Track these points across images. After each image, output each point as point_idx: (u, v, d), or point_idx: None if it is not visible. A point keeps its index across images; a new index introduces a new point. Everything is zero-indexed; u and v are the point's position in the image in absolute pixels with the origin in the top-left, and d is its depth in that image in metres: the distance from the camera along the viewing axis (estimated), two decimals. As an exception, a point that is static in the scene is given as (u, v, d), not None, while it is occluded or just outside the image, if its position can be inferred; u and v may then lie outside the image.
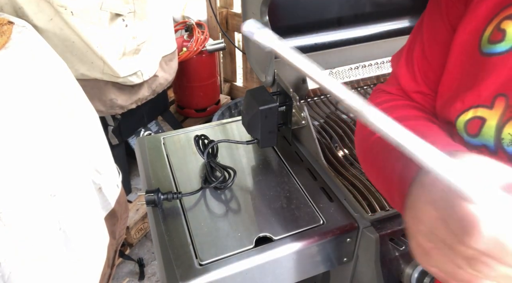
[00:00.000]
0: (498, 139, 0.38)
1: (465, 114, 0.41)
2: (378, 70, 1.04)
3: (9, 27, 0.83)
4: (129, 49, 1.42)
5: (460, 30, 0.44)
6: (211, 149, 0.79)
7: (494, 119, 0.38)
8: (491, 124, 0.38)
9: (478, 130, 0.39)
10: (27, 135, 0.85)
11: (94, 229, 1.11)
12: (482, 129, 0.39)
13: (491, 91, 0.38)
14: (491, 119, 0.38)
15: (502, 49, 0.38)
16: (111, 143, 1.67)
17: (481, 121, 0.39)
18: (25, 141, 0.83)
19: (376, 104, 0.51)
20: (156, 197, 0.69)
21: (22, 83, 0.82)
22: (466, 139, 0.41)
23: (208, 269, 0.60)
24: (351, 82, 1.03)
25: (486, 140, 0.39)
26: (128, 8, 1.35)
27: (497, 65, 0.38)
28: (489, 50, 0.39)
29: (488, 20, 0.40)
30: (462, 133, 0.41)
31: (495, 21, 0.39)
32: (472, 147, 0.41)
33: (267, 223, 0.68)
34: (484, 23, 0.41)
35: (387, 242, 0.66)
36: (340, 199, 0.73)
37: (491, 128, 0.38)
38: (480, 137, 0.39)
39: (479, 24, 0.41)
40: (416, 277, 0.65)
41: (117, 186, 1.24)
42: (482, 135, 0.39)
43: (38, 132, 0.89)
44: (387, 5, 1.11)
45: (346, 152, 0.85)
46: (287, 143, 0.89)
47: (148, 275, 1.69)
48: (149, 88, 1.63)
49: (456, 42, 0.44)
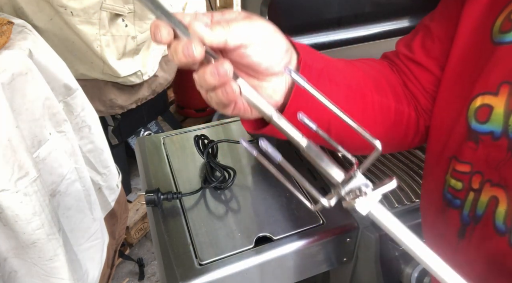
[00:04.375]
0: (505, 125, 0.39)
1: (474, 101, 0.42)
2: (378, 70, 1.04)
3: (9, 27, 0.83)
4: (129, 49, 1.42)
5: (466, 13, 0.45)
6: (211, 149, 0.79)
7: (501, 106, 0.39)
8: (498, 111, 0.39)
9: (487, 117, 0.40)
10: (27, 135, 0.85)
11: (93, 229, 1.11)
12: (491, 116, 0.40)
13: (497, 78, 0.40)
14: (498, 106, 0.39)
15: (511, 39, 0.40)
16: (111, 143, 1.67)
17: (489, 108, 0.40)
18: (25, 141, 0.83)
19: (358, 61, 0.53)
20: (156, 197, 0.69)
21: (22, 83, 0.82)
22: (473, 126, 0.42)
23: (208, 269, 0.60)
24: (351, 82, 1.03)
25: (494, 127, 0.40)
26: (128, 8, 1.35)
27: (505, 53, 0.40)
28: (500, 39, 0.41)
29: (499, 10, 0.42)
30: (471, 119, 0.42)
31: (506, 10, 0.41)
32: (476, 134, 0.42)
33: (267, 223, 0.68)
34: (494, 12, 0.42)
35: (387, 242, 0.66)
36: (340, 199, 0.73)
37: (499, 115, 0.39)
38: (489, 123, 0.40)
39: (488, 11, 0.43)
40: (416, 277, 0.65)
41: (117, 186, 1.25)
42: (491, 122, 0.40)
43: (38, 132, 0.88)
44: (387, 5, 1.11)
45: (346, 152, 0.85)
46: (287, 143, 0.89)
47: (148, 275, 1.69)
48: (149, 88, 1.63)
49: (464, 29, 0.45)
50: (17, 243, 0.86)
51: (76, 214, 1.03)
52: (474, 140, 0.42)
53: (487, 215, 0.41)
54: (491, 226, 0.41)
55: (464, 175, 0.44)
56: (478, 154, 0.42)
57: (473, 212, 0.43)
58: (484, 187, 0.42)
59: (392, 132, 0.53)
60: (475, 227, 0.43)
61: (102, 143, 1.13)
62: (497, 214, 0.40)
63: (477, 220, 0.43)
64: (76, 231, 1.04)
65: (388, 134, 0.53)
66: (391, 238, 0.32)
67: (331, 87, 0.45)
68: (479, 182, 0.42)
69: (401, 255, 0.67)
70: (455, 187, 0.45)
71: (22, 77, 0.82)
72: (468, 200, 0.44)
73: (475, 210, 0.43)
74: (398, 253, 0.67)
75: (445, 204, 0.47)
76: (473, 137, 0.42)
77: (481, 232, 0.43)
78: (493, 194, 0.41)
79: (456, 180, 0.45)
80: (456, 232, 0.46)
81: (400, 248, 0.66)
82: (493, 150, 0.40)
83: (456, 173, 0.45)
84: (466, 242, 0.45)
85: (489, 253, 0.42)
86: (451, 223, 0.46)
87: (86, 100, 1.07)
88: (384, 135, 0.52)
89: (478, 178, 0.42)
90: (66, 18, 1.22)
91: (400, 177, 0.77)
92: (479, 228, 0.43)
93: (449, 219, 0.47)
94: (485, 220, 0.42)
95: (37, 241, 0.86)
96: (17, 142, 0.80)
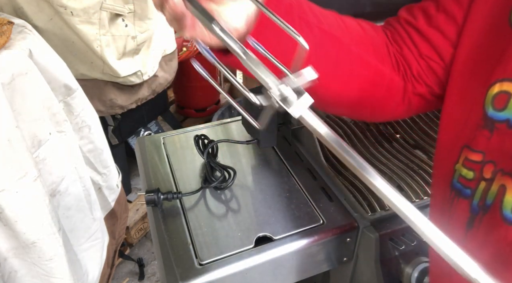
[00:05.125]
0: None
1: (492, 88, 0.41)
2: (378, 70, 1.04)
3: (9, 27, 0.83)
4: (129, 49, 1.42)
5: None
6: (211, 149, 0.79)
7: None
8: None
9: (504, 105, 0.39)
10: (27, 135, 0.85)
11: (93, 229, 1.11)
12: (509, 104, 0.39)
13: None
14: None
15: None
16: (111, 143, 1.67)
17: (507, 95, 0.39)
18: (25, 141, 0.83)
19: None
20: (156, 197, 0.69)
21: (22, 83, 0.82)
22: (490, 113, 0.41)
23: (208, 269, 0.60)
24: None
25: (511, 114, 0.39)
26: (128, 8, 1.35)
27: None
28: None
29: None
30: (488, 107, 0.41)
31: None
32: (492, 122, 0.41)
33: (267, 223, 0.68)
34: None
35: (387, 242, 0.66)
36: (340, 199, 0.73)
37: None
38: (506, 111, 0.39)
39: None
40: (416, 277, 0.65)
41: (117, 186, 1.25)
42: (508, 109, 0.39)
43: (38, 132, 0.89)
44: (387, 5, 1.11)
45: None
46: (287, 143, 0.89)
47: (148, 275, 1.69)
48: (149, 88, 1.63)
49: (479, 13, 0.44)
50: (17, 243, 0.86)
51: (76, 214, 1.03)
52: (489, 128, 0.41)
53: (495, 204, 0.41)
54: (498, 215, 0.40)
55: (477, 165, 0.43)
56: (492, 143, 0.41)
57: (483, 201, 0.42)
58: (496, 176, 0.41)
59: (370, 90, 0.52)
60: (483, 216, 0.43)
61: (102, 143, 1.13)
62: (505, 202, 0.40)
63: (486, 209, 0.42)
64: (76, 231, 1.04)
65: (365, 91, 0.51)
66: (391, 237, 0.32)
67: (300, 27, 0.43)
68: (491, 172, 0.41)
69: (401, 255, 0.67)
70: (467, 176, 0.44)
71: (22, 77, 0.82)
72: (479, 189, 0.43)
73: (485, 200, 0.42)
74: (398, 253, 0.67)
75: (454, 194, 0.46)
76: (488, 125, 0.41)
77: (489, 221, 0.42)
78: (502, 183, 0.40)
79: (468, 170, 0.44)
80: (465, 222, 0.45)
81: (401, 248, 0.66)
82: (508, 138, 0.39)
83: (468, 162, 0.44)
84: (474, 231, 0.44)
85: (497, 242, 0.41)
86: (460, 214, 0.45)
87: (86, 100, 1.07)
88: (360, 90, 0.51)
89: (491, 168, 0.41)
90: (66, 18, 1.22)
91: (400, 177, 0.77)
92: (487, 217, 0.42)
93: (458, 210, 0.46)
94: (493, 209, 0.41)
95: (37, 241, 0.86)
96: (17, 142, 0.80)
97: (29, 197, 0.83)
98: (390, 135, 0.90)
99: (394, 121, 0.94)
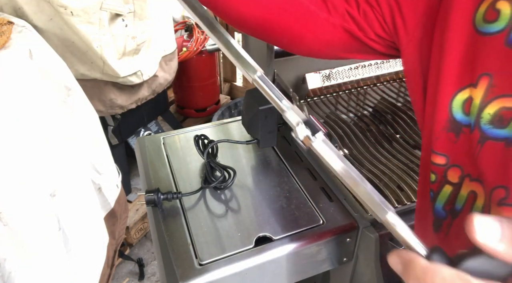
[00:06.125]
0: (478, 117, 0.38)
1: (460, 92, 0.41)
2: (378, 70, 1.04)
3: (9, 27, 0.83)
4: (129, 49, 1.42)
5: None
6: (211, 149, 0.79)
7: (478, 97, 0.38)
8: (475, 103, 0.39)
9: (469, 110, 0.40)
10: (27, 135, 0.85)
11: (93, 229, 1.11)
12: (471, 108, 0.39)
13: (479, 70, 0.39)
14: (476, 97, 0.39)
15: (494, 29, 0.38)
16: (111, 143, 1.68)
17: (470, 100, 0.39)
18: (25, 141, 0.83)
19: None
20: (156, 197, 0.69)
21: (22, 83, 0.82)
22: (459, 118, 0.40)
23: (208, 269, 0.60)
24: (351, 82, 1.03)
25: (471, 119, 0.39)
26: (128, 8, 1.35)
27: (488, 44, 0.39)
28: (484, 29, 0.39)
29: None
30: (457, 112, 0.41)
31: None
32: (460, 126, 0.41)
33: (267, 223, 0.68)
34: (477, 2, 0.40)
35: (387, 242, 0.66)
36: (340, 199, 0.73)
37: (475, 107, 0.39)
38: (470, 116, 0.40)
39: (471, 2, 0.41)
40: (416, 277, 0.65)
41: (117, 186, 1.25)
42: (471, 114, 0.39)
43: (38, 132, 0.89)
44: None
45: (346, 152, 0.85)
46: (287, 143, 0.89)
47: (148, 275, 1.69)
48: (149, 88, 1.63)
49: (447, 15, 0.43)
50: (17, 243, 0.86)
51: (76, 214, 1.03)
52: (455, 132, 0.41)
53: (466, 210, 0.41)
54: None
55: (439, 167, 0.43)
56: (458, 147, 0.41)
57: (450, 205, 0.43)
58: (464, 181, 0.41)
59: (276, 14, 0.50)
60: (453, 221, 0.43)
61: (102, 143, 1.13)
62: (475, 209, 0.40)
63: (455, 214, 0.42)
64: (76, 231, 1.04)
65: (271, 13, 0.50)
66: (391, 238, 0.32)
67: None
68: (458, 176, 0.42)
69: (401, 255, 0.67)
70: (430, 179, 0.45)
71: (22, 77, 0.82)
72: (443, 193, 0.43)
73: (454, 204, 0.42)
74: (398, 253, 0.67)
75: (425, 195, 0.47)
76: (455, 129, 0.41)
77: (459, 227, 0.42)
78: (472, 189, 0.40)
79: (431, 172, 0.44)
80: (430, 224, 0.46)
81: (401, 248, 0.66)
82: (470, 143, 0.40)
83: (432, 165, 0.44)
84: (442, 235, 0.45)
85: (467, 247, 0.42)
86: (425, 215, 0.46)
87: (86, 100, 1.07)
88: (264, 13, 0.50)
89: (457, 172, 0.42)
90: (66, 18, 1.22)
91: (400, 177, 0.77)
92: (457, 223, 0.42)
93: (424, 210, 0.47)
94: (463, 215, 0.41)
95: (37, 241, 0.86)
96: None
97: (29, 197, 0.83)
98: (390, 135, 0.90)
99: (394, 121, 0.94)
